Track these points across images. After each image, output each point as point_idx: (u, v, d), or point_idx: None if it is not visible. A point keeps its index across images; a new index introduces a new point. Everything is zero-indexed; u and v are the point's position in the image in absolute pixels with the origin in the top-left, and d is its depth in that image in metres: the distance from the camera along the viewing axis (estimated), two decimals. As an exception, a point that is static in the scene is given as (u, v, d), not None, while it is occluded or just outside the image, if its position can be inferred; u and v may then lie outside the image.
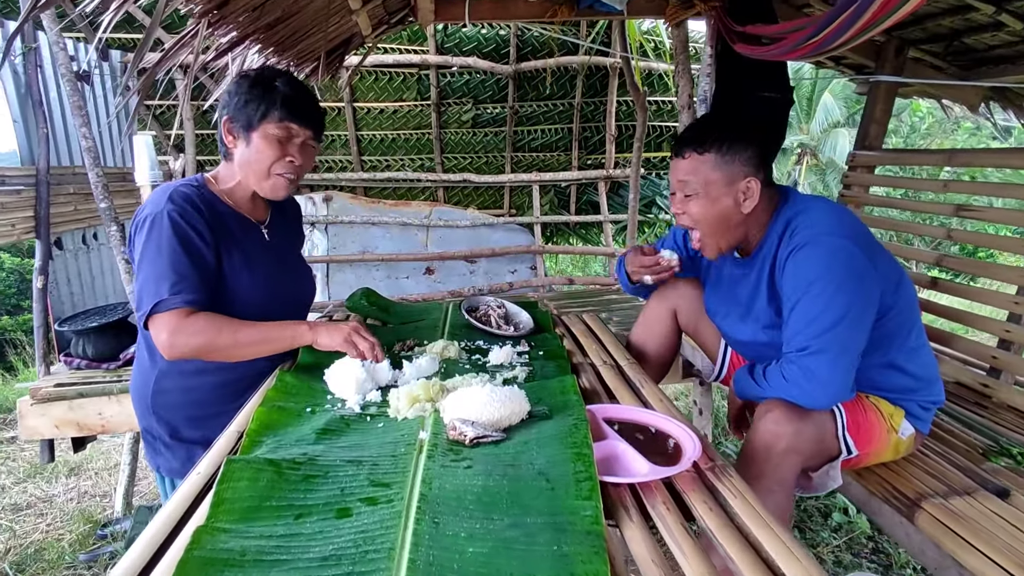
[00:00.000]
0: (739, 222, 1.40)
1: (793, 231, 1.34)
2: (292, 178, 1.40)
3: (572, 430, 1.09)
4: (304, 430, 1.14)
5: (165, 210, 1.30)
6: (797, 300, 1.30)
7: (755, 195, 1.37)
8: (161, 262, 1.27)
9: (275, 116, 1.34)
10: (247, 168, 1.39)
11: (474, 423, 1.11)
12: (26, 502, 3.06)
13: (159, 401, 1.44)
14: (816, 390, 1.27)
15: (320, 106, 1.45)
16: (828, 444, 1.38)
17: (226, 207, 1.43)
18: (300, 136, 1.38)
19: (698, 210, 1.39)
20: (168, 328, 1.26)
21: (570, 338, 1.76)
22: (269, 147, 1.35)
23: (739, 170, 1.36)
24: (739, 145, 1.35)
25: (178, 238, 1.29)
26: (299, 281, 1.59)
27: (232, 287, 1.39)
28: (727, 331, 1.61)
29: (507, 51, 4.60)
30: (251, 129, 1.35)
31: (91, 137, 2.54)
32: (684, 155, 1.39)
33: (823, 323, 1.26)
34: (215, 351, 1.31)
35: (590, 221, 5.27)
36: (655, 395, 1.33)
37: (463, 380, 1.33)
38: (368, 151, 4.91)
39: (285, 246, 1.56)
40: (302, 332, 1.36)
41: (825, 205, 1.38)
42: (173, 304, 1.26)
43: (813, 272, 1.28)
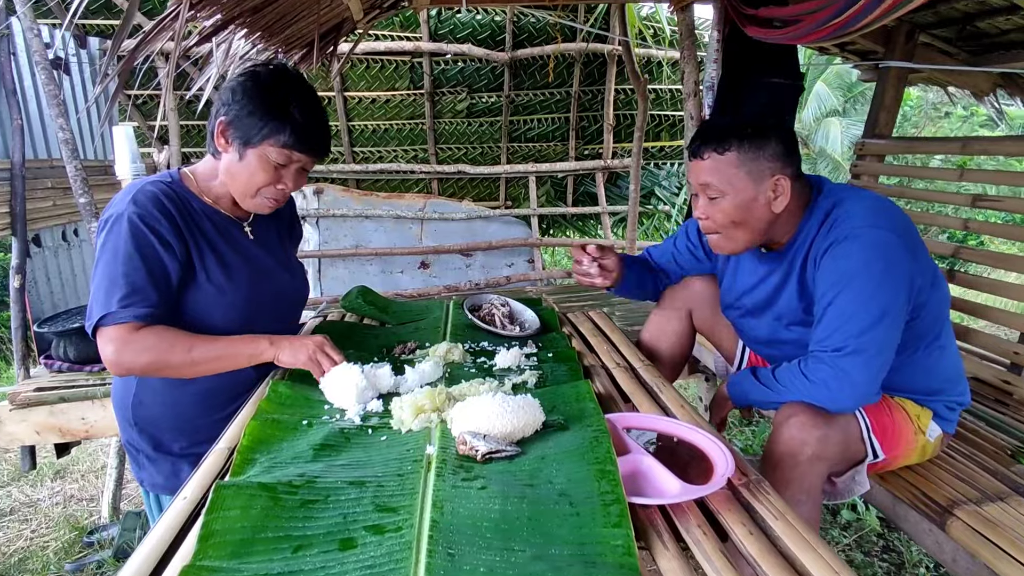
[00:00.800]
0: (770, 222, 1.31)
1: (832, 224, 1.25)
2: (279, 201, 1.31)
3: (593, 443, 1.01)
4: (301, 446, 1.05)
5: (126, 213, 1.19)
6: (834, 297, 1.21)
7: (786, 192, 1.28)
8: (115, 270, 1.18)
9: (280, 142, 1.22)
10: (232, 180, 1.28)
11: (485, 436, 1.03)
12: (9, 507, 2.96)
13: (140, 413, 1.35)
14: (846, 392, 1.20)
15: (329, 129, 1.32)
16: (854, 448, 1.31)
17: (203, 204, 1.31)
18: (300, 163, 1.27)
19: (724, 214, 1.30)
20: (114, 343, 1.17)
21: (578, 337, 1.67)
22: (263, 170, 1.24)
23: (766, 167, 1.26)
24: (761, 139, 1.25)
25: (135, 244, 1.18)
26: (289, 282, 1.47)
27: (209, 291, 1.28)
28: (744, 329, 1.52)
29: (503, 38, 4.48)
30: (249, 145, 1.23)
31: (68, 128, 2.41)
32: (703, 156, 1.30)
33: (861, 322, 1.18)
34: (166, 368, 1.21)
35: (588, 213, 5.18)
36: (675, 400, 1.25)
37: (470, 387, 1.24)
38: (360, 142, 4.79)
39: (272, 243, 1.44)
40: (262, 349, 1.26)
41: (866, 195, 1.29)
42: (121, 318, 1.17)
43: (853, 267, 1.19)
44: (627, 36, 3.65)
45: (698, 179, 1.32)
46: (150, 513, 1.49)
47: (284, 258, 1.48)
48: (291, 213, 1.58)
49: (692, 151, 1.33)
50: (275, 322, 1.41)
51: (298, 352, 1.26)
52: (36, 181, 2.74)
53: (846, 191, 1.30)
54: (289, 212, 1.57)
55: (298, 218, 1.63)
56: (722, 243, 1.36)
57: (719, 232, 1.34)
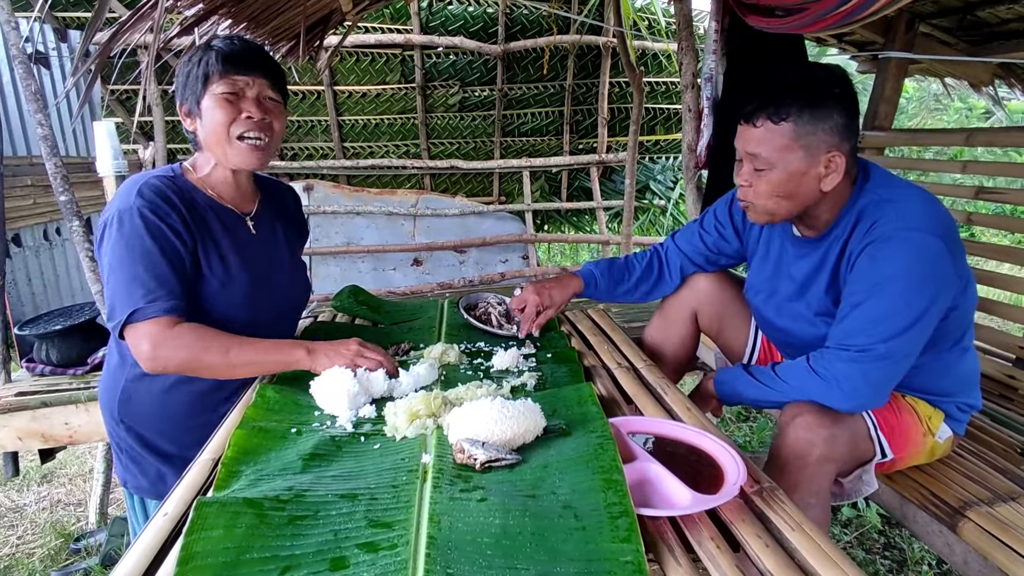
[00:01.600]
0: (813, 200, 1.22)
1: (874, 220, 1.18)
2: (258, 138, 1.26)
3: (598, 451, 0.96)
4: (289, 456, 0.99)
5: (135, 206, 1.17)
6: (865, 299, 1.15)
7: (840, 171, 1.18)
8: (133, 265, 1.16)
9: (216, 74, 1.22)
10: (211, 143, 1.26)
11: (484, 443, 0.98)
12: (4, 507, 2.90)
13: (127, 410, 1.31)
14: (860, 393, 1.15)
15: (271, 56, 1.32)
16: (862, 447, 1.26)
17: (205, 197, 1.30)
18: (252, 88, 1.25)
19: (768, 187, 1.21)
20: (151, 339, 1.15)
21: (578, 337, 1.62)
22: (219, 108, 1.23)
23: (822, 141, 1.17)
24: (823, 110, 1.16)
25: (151, 237, 1.17)
26: (291, 283, 1.45)
27: (212, 285, 1.27)
28: (767, 314, 1.44)
29: (495, 30, 4.42)
30: (199, 100, 1.24)
31: (47, 124, 2.33)
32: (756, 122, 1.19)
33: (894, 326, 1.13)
34: (200, 368, 1.19)
35: (583, 208, 5.13)
36: (681, 402, 1.20)
37: (467, 390, 1.19)
38: (350, 137, 4.71)
39: (275, 241, 1.42)
40: (299, 357, 1.23)
41: (915, 193, 1.21)
42: (152, 313, 1.15)
43: (892, 271, 1.13)
44: (622, 27, 3.59)
45: (746, 147, 1.22)
46: (132, 517, 1.44)
47: (287, 257, 1.46)
48: (297, 210, 1.56)
49: (744, 115, 1.21)
50: (277, 320, 1.40)
51: (336, 359, 1.22)
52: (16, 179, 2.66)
53: (893, 184, 1.23)
54: (295, 209, 1.55)
55: (304, 218, 1.60)
56: (758, 214, 1.27)
57: (757, 203, 1.25)
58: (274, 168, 4.58)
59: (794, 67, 1.25)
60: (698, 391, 1.47)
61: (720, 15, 2.29)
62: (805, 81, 1.18)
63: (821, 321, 1.29)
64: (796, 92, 1.17)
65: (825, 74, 1.19)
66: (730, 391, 1.36)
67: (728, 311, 1.58)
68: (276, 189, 1.52)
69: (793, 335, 1.39)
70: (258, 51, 1.28)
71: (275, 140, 1.31)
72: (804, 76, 1.20)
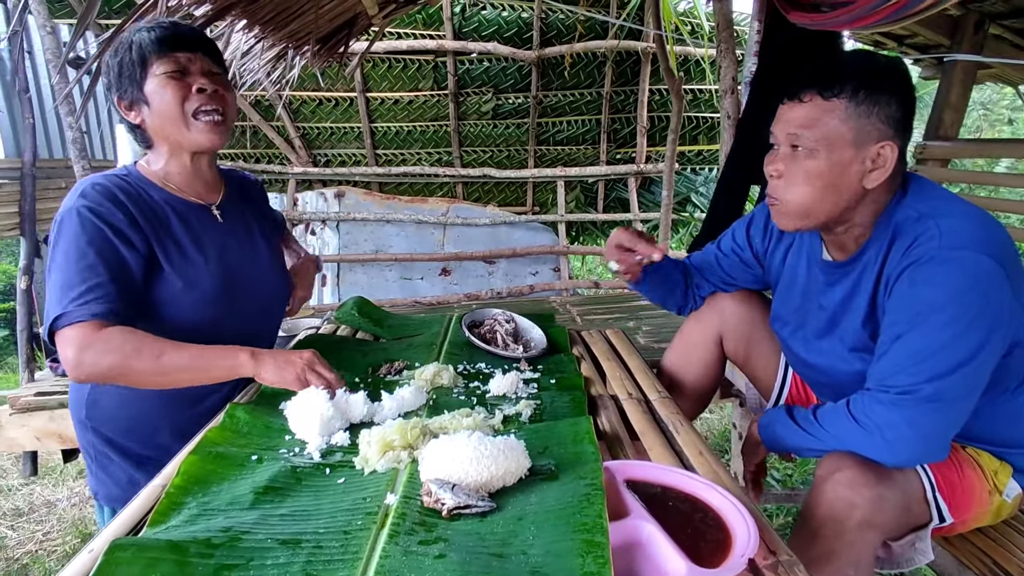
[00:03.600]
0: (853, 199, 1.06)
1: (913, 238, 1.01)
2: (215, 110, 1.20)
3: (583, 503, 0.82)
4: (242, 488, 0.90)
5: (75, 207, 1.12)
6: (906, 330, 0.98)
7: (888, 166, 1.03)
8: (69, 268, 1.09)
9: (154, 55, 1.16)
10: (165, 128, 1.20)
11: (455, 486, 0.86)
12: (29, 506, 2.94)
13: (94, 413, 1.26)
14: (909, 444, 0.97)
15: (206, 35, 1.27)
16: (915, 511, 1.08)
17: (163, 192, 1.24)
18: (194, 63, 1.18)
19: (807, 176, 1.05)
20: (74, 345, 1.07)
21: (589, 361, 1.48)
22: (167, 87, 1.16)
23: (875, 128, 1.02)
24: (882, 94, 1.00)
25: (88, 238, 1.11)
26: (268, 274, 1.38)
27: (176, 285, 1.20)
28: (796, 349, 1.28)
29: (530, 35, 4.31)
30: (141, 86, 1.17)
31: (78, 127, 2.36)
32: (803, 98, 1.05)
33: (943, 364, 0.95)
34: (131, 374, 1.09)
35: (619, 220, 4.95)
36: (693, 444, 1.05)
37: (452, 419, 1.08)
38: (382, 144, 4.69)
39: (247, 230, 1.36)
40: (242, 362, 1.12)
41: (963, 208, 1.04)
42: (78, 316, 1.07)
43: (938, 297, 0.96)
44: (662, 30, 3.43)
45: (788, 127, 1.07)
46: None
47: (262, 247, 1.39)
48: (264, 200, 1.50)
49: (789, 92, 1.08)
50: (252, 319, 1.32)
51: (284, 370, 1.12)
52: (49, 181, 2.72)
53: (935, 197, 1.06)
54: (263, 199, 1.49)
55: (269, 204, 1.54)
56: (788, 214, 1.10)
57: (789, 196, 1.08)
58: (307, 175, 4.61)
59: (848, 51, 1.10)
60: (746, 440, 1.30)
61: (763, 14, 2.12)
62: (863, 61, 1.04)
63: (856, 358, 1.11)
64: (853, 69, 1.02)
65: (886, 60, 1.04)
66: (772, 436, 1.19)
67: (756, 336, 1.41)
68: (241, 179, 1.46)
69: (825, 373, 1.21)
70: (193, 29, 1.23)
71: (230, 116, 1.25)
72: (863, 58, 1.06)
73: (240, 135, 4.57)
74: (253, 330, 1.31)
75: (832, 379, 1.20)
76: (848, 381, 1.13)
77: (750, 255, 1.37)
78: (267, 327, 1.41)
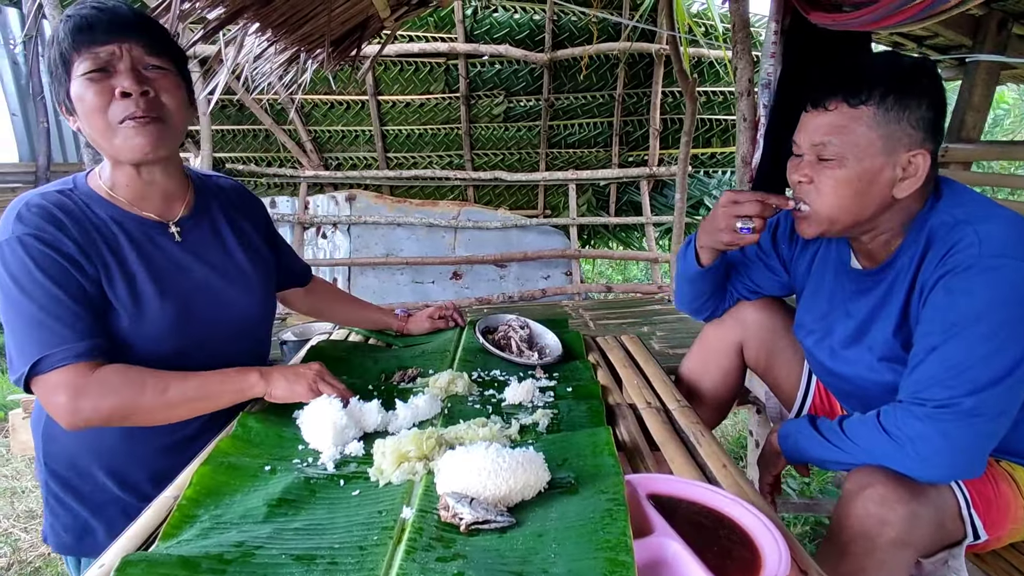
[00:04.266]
0: (881, 208, 1.03)
1: (950, 246, 0.97)
2: (141, 116, 0.99)
3: (606, 519, 0.79)
4: (255, 500, 0.88)
5: (15, 236, 0.97)
6: (942, 341, 0.95)
7: (920, 174, 1.00)
8: (28, 305, 0.96)
9: (73, 52, 0.98)
10: (94, 138, 1.03)
11: (473, 500, 0.84)
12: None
13: (50, 449, 1.12)
14: (944, 460, 0.94)
15: (142, 13, 1.05)
16: (949, 528, 1.04)
17: (111, 207, 1.07)
18: (121, 58, 0.98)
19: (835, 185, 1.02)
20: (66, 391, 0.96)
21: (606, 368, 1.45)
22: (89, 90, 0.98)
23: (905, 134, 0.99)
24: (911, 98, 0.97)
25: (40, 269, 0.97)
26: (238, 296, 1.19)
27: (122, 322, 1.05)
28: (822, 358, 1.24)
29: (542, 38, 4.29)
30: (68, 91, 1.01)
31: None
32: (829, 105, 1.01)
33: (983, 377, 0.92)
34: (136, 414, 1.02)
35: (631, 223, 4.91)
36: (716, 456, 1.02)
37: (468, 429, 1.05)
38: (394, 147, 4.69)
39: (215, 246, 1.18)
40: (252, 383, 1.07)
41: (1001, 213, 1.01)
42: (61, 359, 0.96)
43: (976, 306, 0.93)
44: (676, 31, 3.40)
45: (813, 136, 1.03)
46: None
47: (239, 261, 1.20)
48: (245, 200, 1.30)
49: (814, 98, 1.04)
50: (225, 345, 1.16)
51: (295, 384, 1.08)
52: (63, 185, 2.72)
53: (971, 202, 1.03)
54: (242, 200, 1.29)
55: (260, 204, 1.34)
56: (813, 223, 1.07)
57: (816, 205, 1.05)
58: (318, 178, 4.61)
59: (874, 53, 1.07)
60: (764, 451, 1.27)
61: (780, 15, 2.08)
62: (891, 64, 1.01)
63: (887, 367, 1.08)
64: (881, 73, 0.99)
65: (913, 61, 1.01)
66: (794, 448, 1.15)
67: (778, 345, 1.37)
68: (214, 183, 1.27)
69: (852, 382, 1.18)
70: (119, 11, 1.01)
71: (174, 121, 1.04)
72: (889, 60, 1.02)
73: (252, 139, 4.58)
74: (229, 357, 1.13)
75: (860, 389, 1.16)
76: (877, 391, 1.09)
77: (776, 261, 1.34)
78: (247, 350, 1.24)
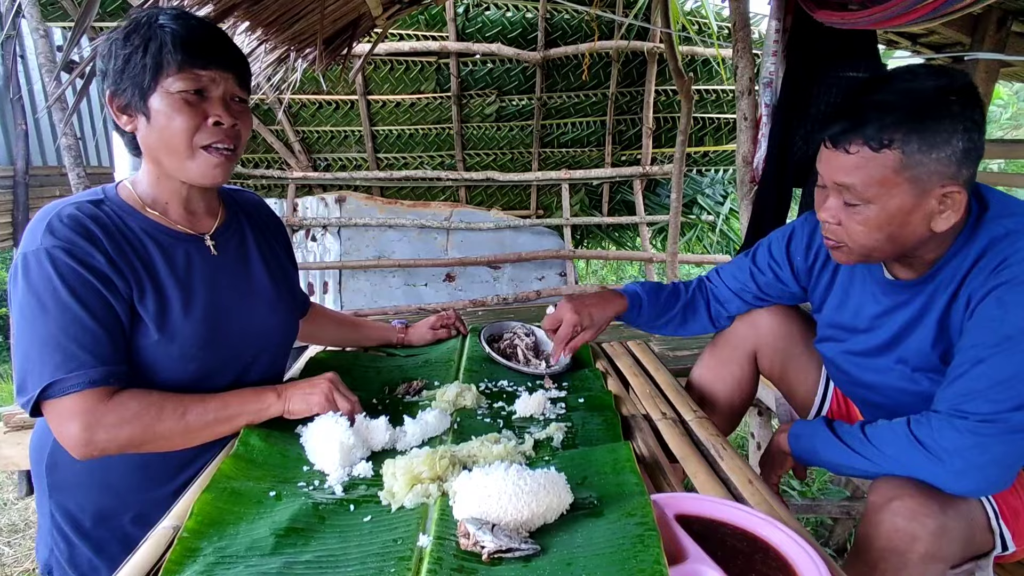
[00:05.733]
0: (922, 241, 0.99)
1: (1004, 257, 0.94)
2: (227, 149, 1.02)
3: (637, 545, 0.75)
4: (261, 530, 0.82)
5: (44, 247, 0.92)
6: (991, 354, 0.92)
7: (958, 209, 0.95)
8: (48, 323, 0.92)
9: (173, 65, 0.96)
10: (161, 153, 1.01)
11: (495, 527, 0.79)
12: (25, 522, 2.85)
13: (54, 479, 1.07)
14: (983, 473, 0.91)
15: (233, 42, 1.06)
16: (978, 540, 1.01)
17: (145, 220, 1.05)
18: (218, 85, 1.00)
19: (865, 226, 0.98)
20: (80, 419, 0.92)
21: (615, 376, 1.41)
22: (178, 111, 0.97)
23: (935, 172, 0.93)
24: (939, 134, 0.91)
25: (67, 286, 0.93)
26: (273, 310, 1.18)
27: (150, 339, 1.01)
28: (847, 368, 1.21)
29: (534, 36, 4.25)
30: (145, 95, 0.97)
31: (71, 134, 2.28)
32: (849, 148, 0.95)
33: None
34: (154, 441, 0.98)
35: (625, 223, 4.89)
36: (741, 471, 0.98)
37: (481, 446, 1.01)
38: (384, 148, 4.62)
39: (247, 260, 1.17)
40: (270, 403, 1.05)
41: None
42: (75, 385, 0.92)
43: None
44: (670, 29, 3.37)
45: (835, 176, 0.98)
46: None
47: (265, 278, 1.19)
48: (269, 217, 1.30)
49: (833, 136, 0.97)
50: (247, 374, 1.13)
51: (311, 397, 1.06)
52: (43, 189, 2.64)
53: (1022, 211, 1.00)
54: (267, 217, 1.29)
55: (281, 224, 1.33)
56: (850, 256, 1.04)
57: (849, 243, 1.02)
58: (307, 179, 4.53)
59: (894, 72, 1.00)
60: (769, 452, 1.23)
61: (782, 13, 2.05)
62: (912, 93, 0.93)
63: (924, 377, 1.05)
64: (902, 109, 0.92)
65: (938, 82, 0.93)
66: (808, 449, 1.12)
67: (793, 352, 1.34)
68: (242, 198, 1.26)
69: (882, 392, 1.15)
70: (223, 36, 1.04)
71: (240, 151, 1.07)
72: (910, 86, 0.94)
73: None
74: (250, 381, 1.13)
75: (889, 399, 1.13)
76: (909, 401, 1.07)
77: (789, 274, 1.30)
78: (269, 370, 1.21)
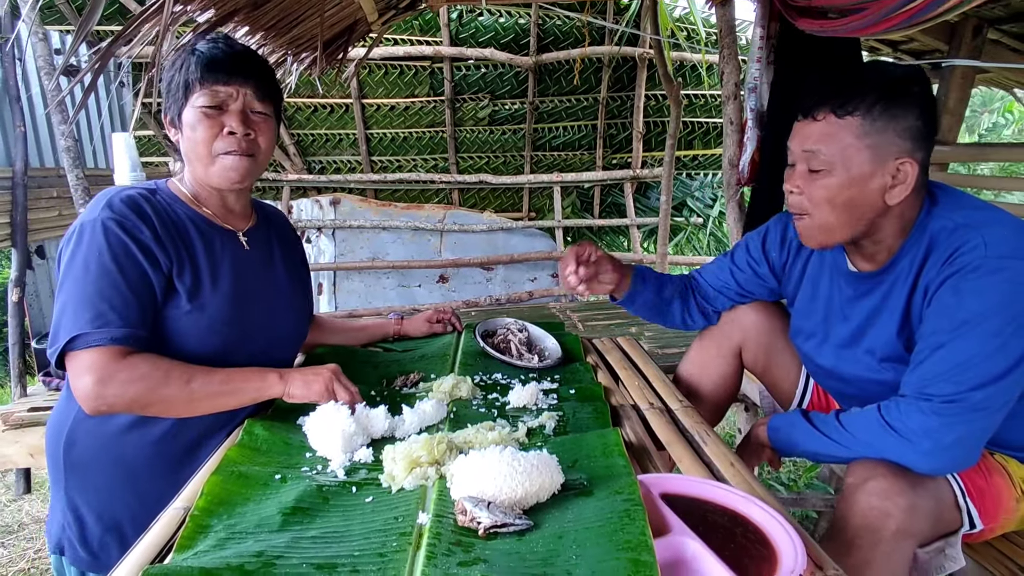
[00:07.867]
0: (876, 215, 1.07)
1: (954, 249, 1.01)
2: (242, 154, 1.13)
3: (624, 519, 0.80)
4: (268, 509, 0.87)
5: (100, 218, 1.04)
6: (949, 340, 0.98)
7: (910, 182, 1.03)
8: (87, 284, 1.01)
9: (196, 84, 1.09)
10: (191, 160, 1.15)
11: (490, 504, 0.84)
12: (18, 523, 2.86)
13: (70, 459, 1.12)
14: (947, 453, 0.97)
15: (259, 59, 1.18)
16: (947, 518, 1.07)
17: (190, 210, 1.18)
18: (236, 99, 1.12)
19: (825, 192, 1.05)
20: (95, 372, 0.99)
21: (605, 370, 1.47)
22: (200, 123, 1.10)
23: (893, 143, 1.02)
24: (899, 108, 1.00)
25: (112, 254, 1.03)
26: (289, 308, 1.29)
27: (184, 311, 1.11)
28: (820, 361, 1.27)
29: (527, 42, 4.32)
30: (181, 110, 1.12)
31: (70, 136, 2.31)
32: (817, 115, 1.05)
33: (987, 372, 0.95)
34: (157, 403, 1.04)
35: (615, 225, 4.96)
36: (723, 456, 1.03)
37: (476, 433, 1.06)
38: (378, 151, 4.66)
39: (271, 261, 1.29)
40: (271, 382, 1.10)
41: (1001, 216, 1.05)
42: (97, 340, 0.99)
43: (983, 305, 0.96)
44: (659, 35, 3.44)
45: (803, 144, 1.08)
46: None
47: (285, 280, 1.30)
48: (291, 231, 1.42)
49: (804, 109, 1.08)
50: (262, 352, 1.21)
51: (311, 384, 1.11)
52: (41, 190, 2.66)
53: (970, 206, 1.06)
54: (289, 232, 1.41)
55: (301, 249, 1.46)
56: (811, 230, 1.11)
57: (810, 214, 1.09)
58: (301, 181, 4.57)
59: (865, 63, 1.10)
60: (747, 442, 1.29)
61: (766, 20, 2.12)
62: (879, 74, 1.04)
63: (889, 367, 1.11)
64: (868, 84, 1.02)
65: (903, 70, 1.05)
66: (786, 441, 1.18)
67: (776, 347, 1.40)
68: (270, 210, 1.40)
69: (853, 384, 1.21)
70: (245, 54, 1.16)
71: (261, 158, 1.18)
72: (878, 69, 1.06)
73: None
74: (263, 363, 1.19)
75: (861, 389, 1.20)
76: (878, 390, 1.12)
77: (766, 269, 1.37)
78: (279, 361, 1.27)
